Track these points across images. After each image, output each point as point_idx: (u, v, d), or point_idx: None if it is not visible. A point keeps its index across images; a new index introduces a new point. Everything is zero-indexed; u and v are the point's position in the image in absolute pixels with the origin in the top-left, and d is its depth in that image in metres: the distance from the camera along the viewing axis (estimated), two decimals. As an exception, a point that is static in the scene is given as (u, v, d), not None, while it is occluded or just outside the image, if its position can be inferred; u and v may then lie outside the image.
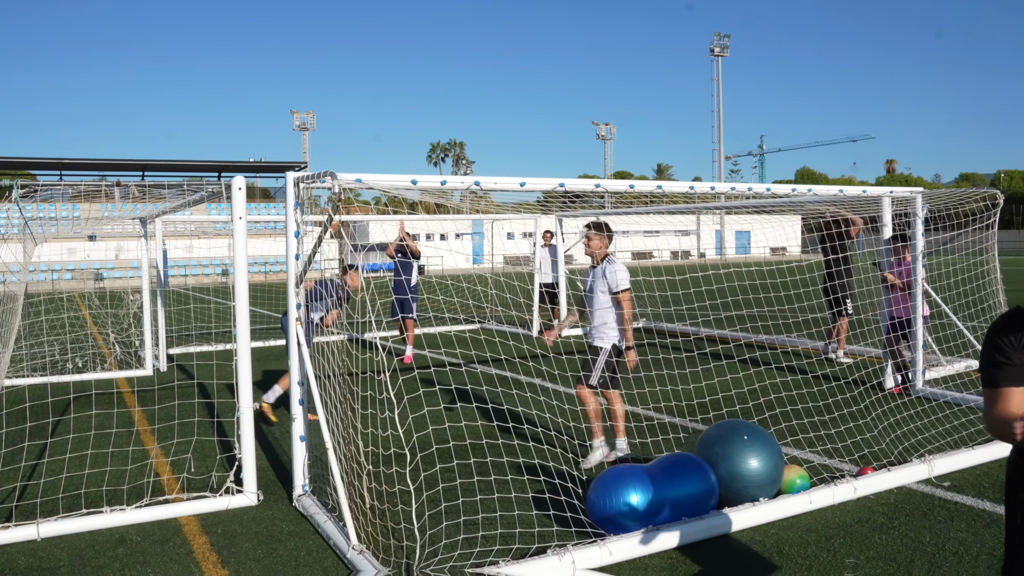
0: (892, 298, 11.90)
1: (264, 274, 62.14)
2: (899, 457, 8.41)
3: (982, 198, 11.88)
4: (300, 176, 7.48)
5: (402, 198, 7.83)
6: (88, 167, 74.17)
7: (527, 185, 7.91)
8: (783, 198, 11.78)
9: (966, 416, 10.08)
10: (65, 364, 16.07)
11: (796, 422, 9.71)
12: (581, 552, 5.98)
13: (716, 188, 9.45)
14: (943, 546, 6.23)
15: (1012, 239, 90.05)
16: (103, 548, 6.67)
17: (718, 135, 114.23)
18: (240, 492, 7.65)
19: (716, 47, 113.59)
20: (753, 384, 12.40)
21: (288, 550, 6.50)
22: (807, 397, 11.20)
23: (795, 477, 7.26)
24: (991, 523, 6.66)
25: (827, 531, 6.59)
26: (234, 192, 7.78)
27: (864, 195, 11.08)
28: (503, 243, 70.77)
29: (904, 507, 7.09)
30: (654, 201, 18.95)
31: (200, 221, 40.47)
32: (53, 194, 48.56)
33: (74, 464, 8.88)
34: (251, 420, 7.84)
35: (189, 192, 14.63)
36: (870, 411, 10.39)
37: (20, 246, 12.28)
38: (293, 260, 7.54)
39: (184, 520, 7.30)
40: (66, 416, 11.29)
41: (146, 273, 15.75)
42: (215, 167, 76.54)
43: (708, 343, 17.49)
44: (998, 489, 7.46)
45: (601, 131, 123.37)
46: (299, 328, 7.56)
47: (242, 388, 7.78)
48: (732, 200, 14.86)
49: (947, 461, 8.00)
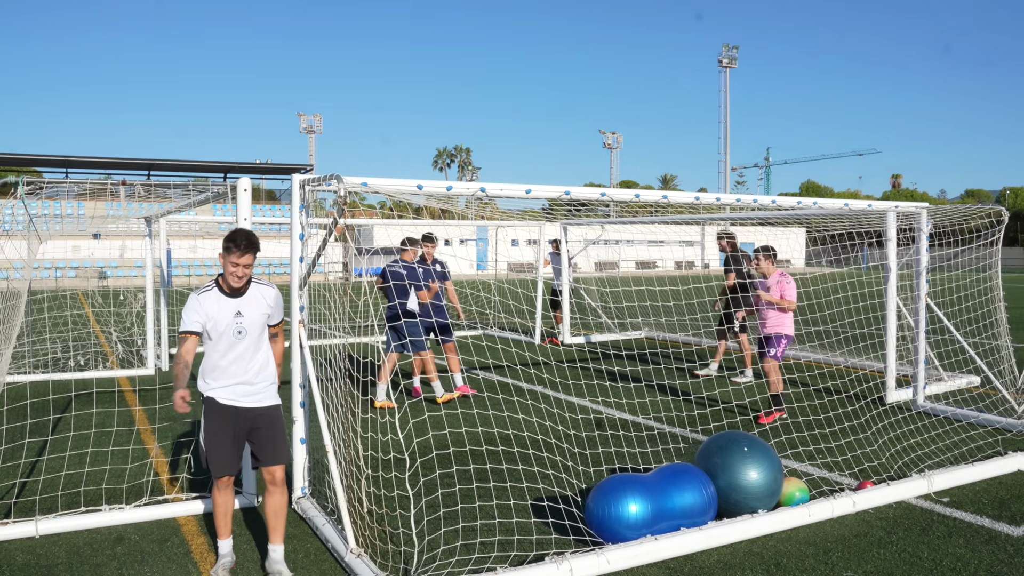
0: (761, 313, 11.41)
1: (268, 276, 62.15)
2: (898, 472, 8.40)
3: (987, 215, 11.86)
4: (306, 178, 7.48)
5: (407, 203, 7.82)
6: (94, 165, 74.26)
7: (533, 192, 7.91)
8: (788, 211, 11.78)
9: (966, 432, 10.07)
10: (67, 362, 16.09)
11: (796, 435, 9.71)
12: (579, 560, 5.98)
13: (721, 199, 9.45)
14: (941, 562, 6.23)
15: (1016, 256, 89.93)
16: (101, 546, 6.68)
17: (724, 146, 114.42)
18: (239, 493, 7.64)
19: (724, 58, 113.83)
20: (754, 395, 12.39)
21: (286, 552, 6.49)
22: (808, 410, 11.18)
23: (794, 490, 7.25)
24: (989, 540, 6.65)
25: (825, 544, 6.59)
26: (239, 193, 7.80)
27: (869, 209, 11.09)
28: (507, 250, 70.74)
29: (903, 522, 7.08)
30: (659, 211, 18.94)
31: (205, 221, 40.55)
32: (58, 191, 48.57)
33: (74, 462, 8.88)
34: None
35: (194, 192, 14.67)
36: (870, 425, 10.38)
37: (24, 243, 12.28)
38: (297, 262, 7.55)
39: (183, 520, 7.30)
40: (67, 414, 11.30)
41: (150, 272, 15.77)
42: (221, 168, 76.59)
43: (710, 354, 17.48)
44: (997, 506, 7.45)
45: (607, 140, 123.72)
46: (302, 331, 7.56)
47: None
48: (737, 212, 14.86)
49: (946, 477, 8.00)
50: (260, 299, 6.24)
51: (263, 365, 6.29)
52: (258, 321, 6.21)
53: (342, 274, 10.71)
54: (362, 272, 25.30)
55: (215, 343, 6.12)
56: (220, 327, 6.06)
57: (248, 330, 6.15)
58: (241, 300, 6.16)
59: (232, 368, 6.14)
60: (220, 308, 6.09)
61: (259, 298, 6.24)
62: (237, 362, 6.14)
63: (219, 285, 6.19)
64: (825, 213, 12.12)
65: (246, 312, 6.15)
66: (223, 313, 6.08)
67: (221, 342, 6.10)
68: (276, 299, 6.36)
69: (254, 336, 6.21)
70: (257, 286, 6.27)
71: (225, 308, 6.10)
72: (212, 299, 6.11)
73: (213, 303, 6.09)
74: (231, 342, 6.11)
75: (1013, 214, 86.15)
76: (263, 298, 6.26)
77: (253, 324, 6.17)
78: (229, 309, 6.11)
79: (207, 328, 6.07)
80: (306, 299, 7.71)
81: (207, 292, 6.14)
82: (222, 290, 6.16)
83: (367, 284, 8.63)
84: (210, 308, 6.07)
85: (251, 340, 6.19)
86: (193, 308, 6.04)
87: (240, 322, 6.10)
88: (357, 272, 26.03)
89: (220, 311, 6.08)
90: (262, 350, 6.30)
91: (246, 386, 6.19)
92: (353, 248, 15.63)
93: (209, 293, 6.14)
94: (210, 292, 6.14)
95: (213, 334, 6.09)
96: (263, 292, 6.28)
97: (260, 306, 6.22)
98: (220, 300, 6.12)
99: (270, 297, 6.30)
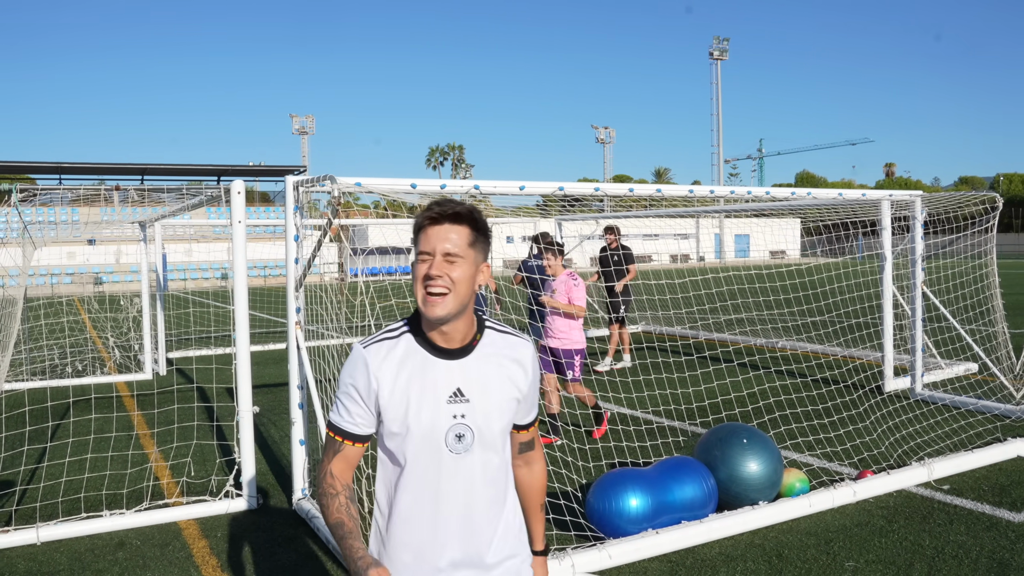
0: (547, 327, 9.66)
1: (264, 278, 62.12)
2: (898, 460, 8.41)
3: (981, 201, 11.88)
4: (299, 180, 7.48)
5: (401, 202, 7.82)
6: (87, 171, 74.18)
7: (526, 188, 7.92)
8: (782, 201, 11.78)
9: (965, 419, 10.08)
10: (64, 368, 16.07)
11: (795, 425, 9.71)
12: (580, 555, 5.97)
13: (715, 192, 9.46)
14: (942, 549, 6.23)
15: (1011, 242, 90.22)
16: (103, 552, 6.67)
17: (717, 138, 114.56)
18: (239, 496, 7.65)
19: (715, 50, 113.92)
20: (752, 387, 12.40)
21: (287, 554, 6.50)
22: (806, 400, 11.19)
23: (794, 480, 7.26)
24: (990, 526, 6.66)
25: (826, 534, 6.59)
26: (233, 196, 7.78)
27: (863, 198, 11.10)
28: (503, 247, 70.73)
29: (903, 510, 7.09)
30: (653, 205, 18.93)
31: (199, 225, 40.45)
32: (52, 198, 48.50)
33: (73, 468, 8.87)
34: (250, 424, 7.84)
35: (188, 196, 14.62)
36: (869, 414, 10.39)
37: (19, 250, 12.28)
38: (293, 264, 7.54)
39: (184, 524, 7.30)
40: (65, 420, 11.28)
41: (145, 277, 15.74)
42: (214, 171, 76.50)
43: (707, 346, 17.49)
44: (997, 492, 7.46)
45: (600, 135, 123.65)
46: (299, 332, 7.56)
47: (241, 392, 7.78)
48: (731, 204, 14.86)
49: (946, 464, 8.00)
50: (503, 361, 2.90)
51: (506, 518, 2.95)
52: (498, 414, 2.86)
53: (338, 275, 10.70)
54: (357, 272, 25.28)
55: (408, 467, 2.81)
56: (418, 426, 2.77)
57: (478, 435, 2.82)
58: (465, 364, 2.84)
59: (442, 527, 2.83)
60: (415, 381, 2.79)
61: (500, 359, 2.90)
62: (451, 512, 2.83)
63: (414, 328, 2.87)
64: (819, 203, 12.14)
65: (474, 392, 2.82)
66: (425, 395, 2.78)
67: (419, 463, 2.80)
68: (532, 363, 2.97)
69: (489, 448, 2.86)
70: (498, 335, 2.94)
71: (429, 383, 2.80)
72: (396, 359, 2.81)
73: (398, 368, 2.80)
74: (439, 462, 2.80)
75: (1007, 200, 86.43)
76: (509, 360, 2.91)
77: (488, 421, 2.83)
78: (438, 386, 2.80)
79: (388, 429, 2.81)
80: (302, 300, 7.71)
81: (387, 340, 2.85)
82: (423, 340, 2.84)
83: (363, 284, 8.61)
84: (390, 378, 2.79)
85: (483, 459, 2.85)
86: (352, 376, 2.83)
87: (462, 416, 2.80)
88: (352, 272, 26.02)
89: (415, 388, 2.78)
90: (503, 482, 2.95)
91: (470, 571, 2.87)
92: (348, 248, 15.62)
93: (391, 343, 2.84)
94: (394, 340, 2.85)
95: (401, 444, 2.80)
96: (509, 346, 2.94)
97: (501, 380, 2.88)
98: (415, 359, 2.81)
99: (524, 358, 2.94)
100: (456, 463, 2.81)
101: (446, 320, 2.75)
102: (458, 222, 2.75)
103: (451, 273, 2.71)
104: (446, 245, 2.72)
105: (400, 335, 2.86)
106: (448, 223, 2.73)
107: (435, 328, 2.80)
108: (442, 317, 2.73)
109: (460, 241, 2.74)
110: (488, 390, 2.85)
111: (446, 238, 2.72)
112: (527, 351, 2.97)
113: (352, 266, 30.26)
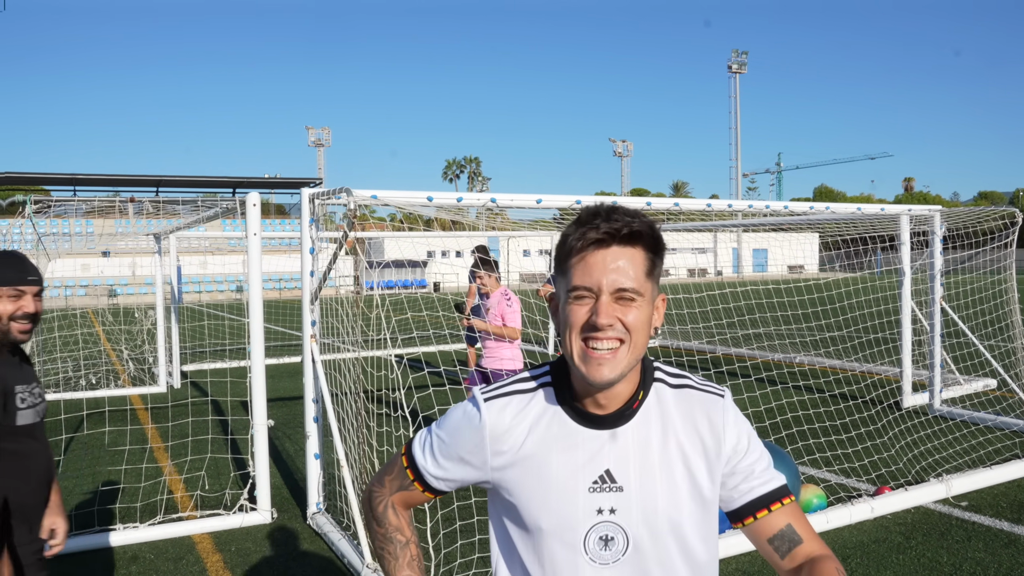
0: (485, 351, 9.25)
1: (279, 291, 62.26)
2: (916, 476, 8.34)
3: (1000, 216, 11.80)
4: (315, 192, 7.48)
5: (417, 215, 7.81)
6: (102, 183, 74.69)
7: (543, 202, 7.90)
8: (801, 216, 11.73)
9: (984, 435, 9.99)
10: (78, 381, 16.10)
11: (813, 441, 9.64)
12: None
13: (733, 206, 9.42)
14: (960, 566, 6.17)
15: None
16: (116, 566, 6.65)
17: (735, 152, 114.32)
18: (254, 510, 7.63)
19: (734, 64, 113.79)
20: (770, 403, 12.33)
21: (302, 568, 6.47)
22: (824, 416, 11.12)
23: (812, 496, 7.20)
24: (1009, 543, 6.59)
25: (844, 551, 6.53)
26: (248, 208, 7.79)
27: (882, 213, 11.05)
28: (519, 260, 70.74)
29: (921, 527, 7.02)
30: (671, 218, 18.89)
31: (214, 237, 40.62)
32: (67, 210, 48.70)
33: (87, 481, 8.87)
34: (265, 437, 7.82)
35: (203, 208, 14.65)
36: (887, 430, 10.32)
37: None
38: (308, 277, 7.54)
39: (198, 538, 7.28)
40: (79, 433, 11.29)
41: (160, 289, 15.78)
42: (230, 183, 76.92)
43: (725, 361, 17.42)
44: (1016, 509, 7.38)
45: (618, 148, 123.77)
46: (314, 345, 7.55)
47: (256, 405, 7.77)
48: (749, 218, 14.81)
49: (965, 481, 7.93)
50: (679, 428, 2.06)
51: None
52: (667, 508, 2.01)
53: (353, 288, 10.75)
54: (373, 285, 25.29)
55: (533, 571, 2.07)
56: (548, 521, 2.01)
57: (634, 539, 2.00)
58: (621, 435, 2.02)
59: None
60: (550, 458, 2.02)
61: (675, 425, 2.06)
62: None
63: (558, 381, 2.10)
64: (838, 218, 12.08)
65: (630, 476, 2.01)
66: (558, 479, 2.01)
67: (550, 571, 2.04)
68: (730, 423, 2.08)
69: (652, 559, 2.01)
70: (672, 391, 2.10)
71: (567, 462, 2.01)
72: (526, 425, 2.05)
73: (526, 436, 2.05)
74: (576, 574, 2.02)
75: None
76: (689, 425, 2.07)
77: (649, 518, 2.00)
78: (578, 466, 2.01)
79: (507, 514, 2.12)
80: (318, 313, 7.70)
81: (517, 395, 2.10)
82: (567, 401, 2.06)
83: (378, 298, 8.60)
84: (512, 450, 2.05)
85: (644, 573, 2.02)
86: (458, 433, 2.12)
87: (611, 512, 2.00)
88: (368, 285, 26.02)
89: (548, 469, 2.02)
90: None
91: None
92: (364, 261, 15.65)
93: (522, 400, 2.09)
94: (527, 396, 2.09)
95: (523, 539, 2.08)
96: (689, 404, 2.09)
97: (673, 456, 2.04)
98: (551, 426, 2.04)
99: (715, 418, 2.08)
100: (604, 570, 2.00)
101: (616, 383, 1.95)
102: (633, 243, 1.92)
103: (626, 318, 1.90)
104: (619, 279, 1.89)
105: (536, 388, 2.08)
106: (618, 246, 1.91)
107: (592, 393, 1.99)
108: (613, 380, 1.92)
109: (637, 273, 1.92)
110: (652, 472, 2.00)
111: (617, 268, 1.90)
112: (717, 408, 2.08)
113: (368, 279, 30.27)
